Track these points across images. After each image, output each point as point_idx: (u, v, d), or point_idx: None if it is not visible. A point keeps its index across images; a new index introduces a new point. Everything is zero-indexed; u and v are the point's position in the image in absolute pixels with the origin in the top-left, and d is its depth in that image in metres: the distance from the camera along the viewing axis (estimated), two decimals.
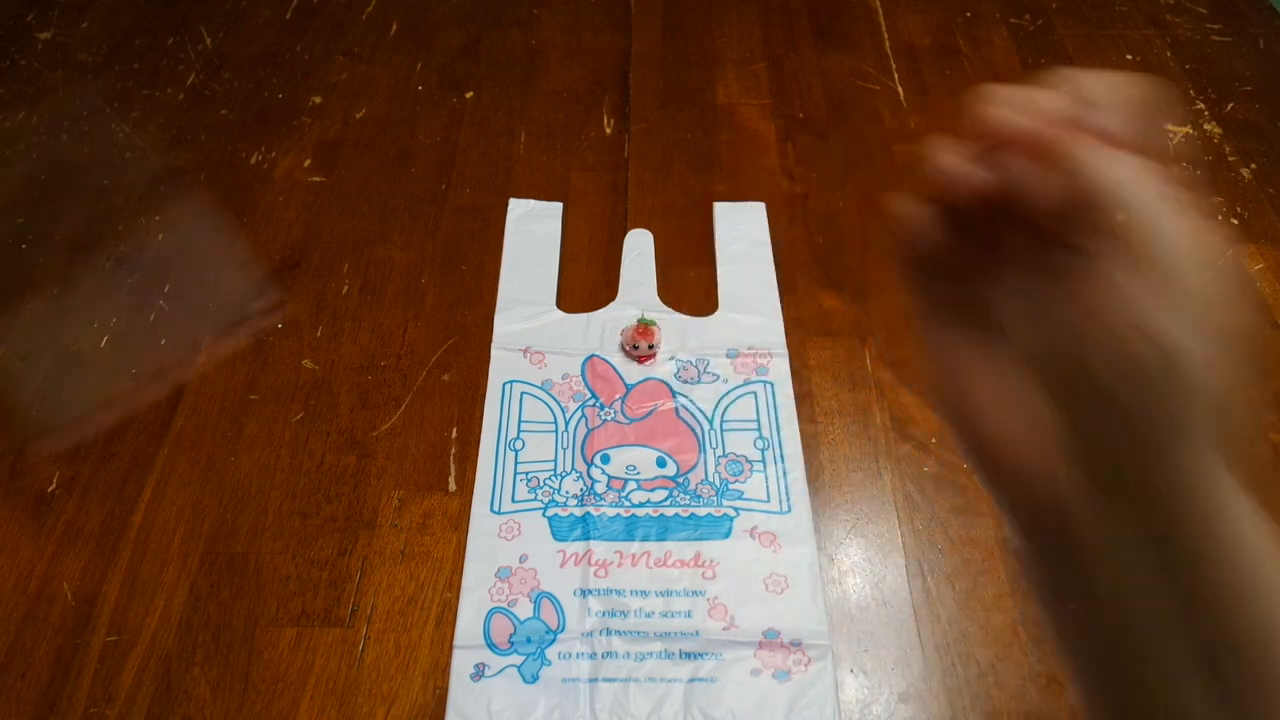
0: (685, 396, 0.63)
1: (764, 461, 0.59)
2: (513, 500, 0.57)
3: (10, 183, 0.78)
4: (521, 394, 0.63)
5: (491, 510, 0.57)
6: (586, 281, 0.71)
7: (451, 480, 0.59)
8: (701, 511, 0.57)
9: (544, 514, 0.57)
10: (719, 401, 0.63)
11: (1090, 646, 0.23)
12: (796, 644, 0.51)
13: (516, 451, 0.60)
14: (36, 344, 0.66)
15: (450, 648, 0.51)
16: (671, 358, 0.65)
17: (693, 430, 0.61)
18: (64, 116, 0.84)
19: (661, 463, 0.59)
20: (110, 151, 0.81)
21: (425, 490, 0.58)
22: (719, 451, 0.60)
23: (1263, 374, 0.65)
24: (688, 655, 0.51)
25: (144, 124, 0.83)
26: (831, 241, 0.74)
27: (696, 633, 0.52)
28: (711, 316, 0.68)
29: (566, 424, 0.61)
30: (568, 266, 0.69)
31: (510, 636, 0.51)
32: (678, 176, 0.79)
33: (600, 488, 0.58)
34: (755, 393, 0.63)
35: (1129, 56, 0.93)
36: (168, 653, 0.51)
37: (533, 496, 0.57)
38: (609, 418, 0.62)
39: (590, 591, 0.53)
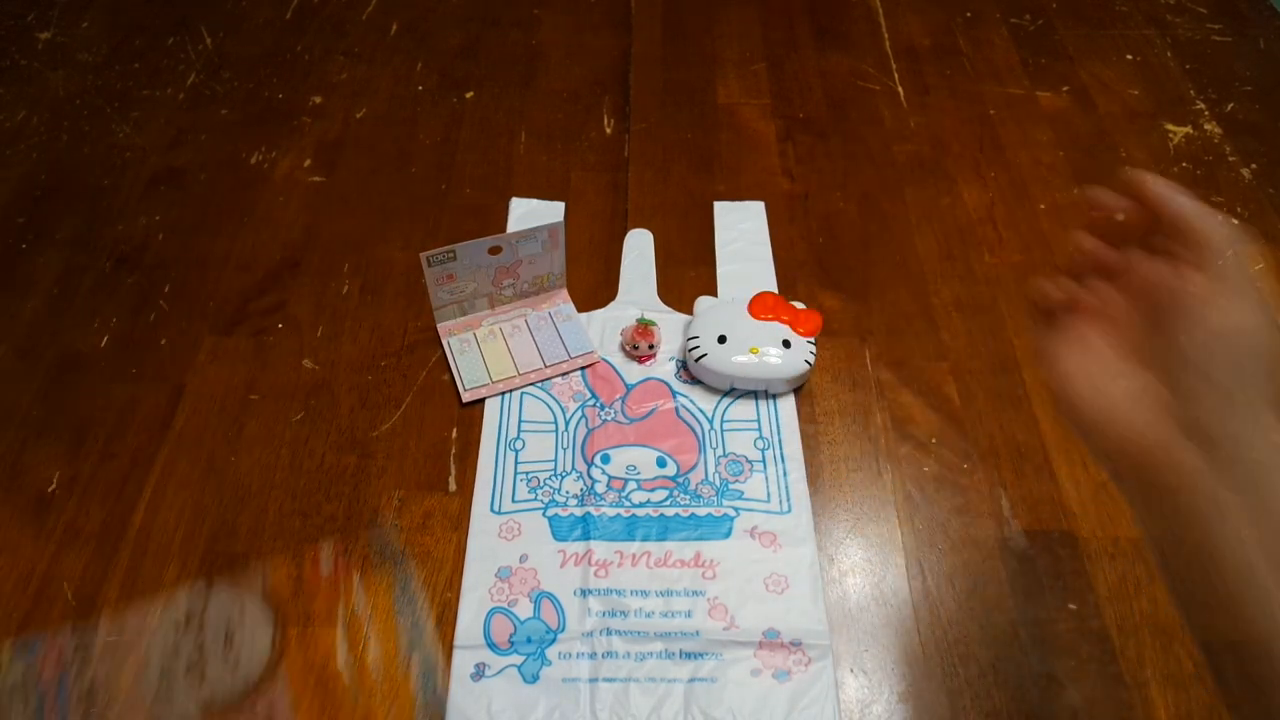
0: (685, 396, 0.63)
1: (764, 461, 0.59)
2: (513, 500, 0.57)
3: (10, 183, 0.78)
4: (521, 394, 0.63)
5: (491, 510, 0.57)
6: (586, 281, 0.71)
7: (451, 480, 0.59)
8: (701, 511, 0.57)
9: (544, 514, 0.57)
10: (719, 401, 0.63)
11: None
12: (797, 644, 0.51)
13: (516, 451, 0.60)
14: (36, 344, 0.66)
15: (450, 648, 0.51)
16: (671, 358, 0.65)
17: (693, 430, 0.61)
18: (64, 116, 0.84)
19: (661, 463, 0.59)
20: (110, 151, 0.81)
21: (425, 490, 0.58)
22: (719, 451, 0.60)
23: (1263, 374, 0.65)
24: (688, 655, 0.51)
25: (144, 124, 0.83)
26: (831, 241, 0.74)
27: (697, 633, 0.52)
28: None
29: (566, 424, 0.62)
30: (568, 266, 0.69)
31: (510, 636, 0.51)
32: (678, 176, 0.79)
33: (600, 488, 0.58)
34: (755, 392, 0.63)
35: (1129, 56, 0.93)
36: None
37: (533, 496, 0.57)
38: (609, 418, 0.62)
39: (590, 591, 0.53)
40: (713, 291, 0.70)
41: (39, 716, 0.39)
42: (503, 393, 0.63)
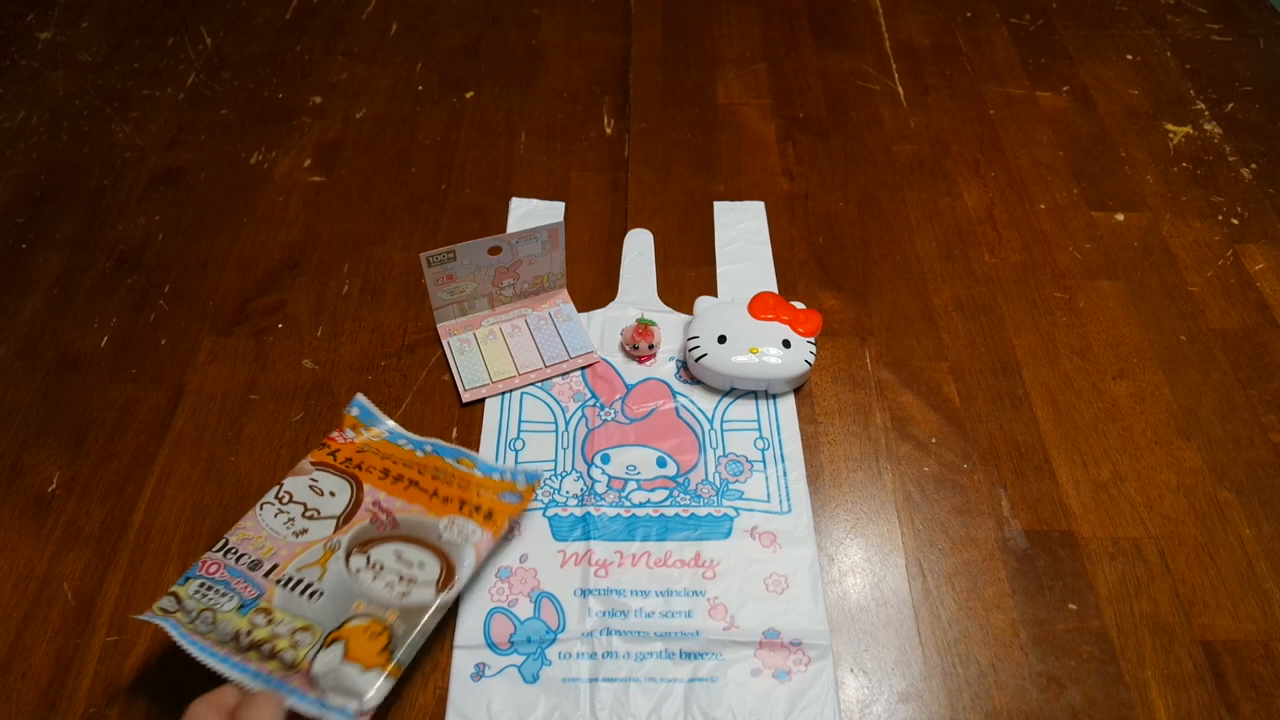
0: (685, 396, 0.63)
1: (764, 461, 0.59)
2: None
3: (10, 183, 0.78)
4: (521, 394, 0.63)
5: None
6: (586, 281, 0.71)
7: None
8: (701, 511, 0.57)
9: (544, 514, 0.57)
10: (719, 401, 0.63)
11: None
12: (797, 644, 0.51)
13: (517, 452, 0.60)
14: (36, 344, 0.66)
15: (450, 648, 0.51)
16: (671, 358, 0.65)
17: (693, 430, 0.61)
18: (64, 116, 0.84)
19: (662, 463, 0.59)
20: (110, 151, 0.81)
21: None
22: (719, 451, 0.60)
23: (1263, 374, 0.65)
24: (688, 655, 0.51)
25: (144, 124, 0.83)
26: (831, 241, 0.74)
27: (697, 633, 0.52)
28: None
29: (566, 424, 0.62)
30: (568, 266, 0.69)
31: (510, 636, 0.51)
32: (678, 176, 0.79)
33: (600, 488, 0.58)
34: (755, 392, 0.63)
35: (1129, 56, 0.93)
36: (168, 653, 0.51)
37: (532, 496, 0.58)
38: (609, 418, 0.62)
39: (590, 591, 0.53)
40: (713, 291, 0.70)
41: (232, 590, 0.48)
42: (503, 393, 0.63)
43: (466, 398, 0.62)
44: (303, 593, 0.48)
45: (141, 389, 0.63)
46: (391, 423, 0.59)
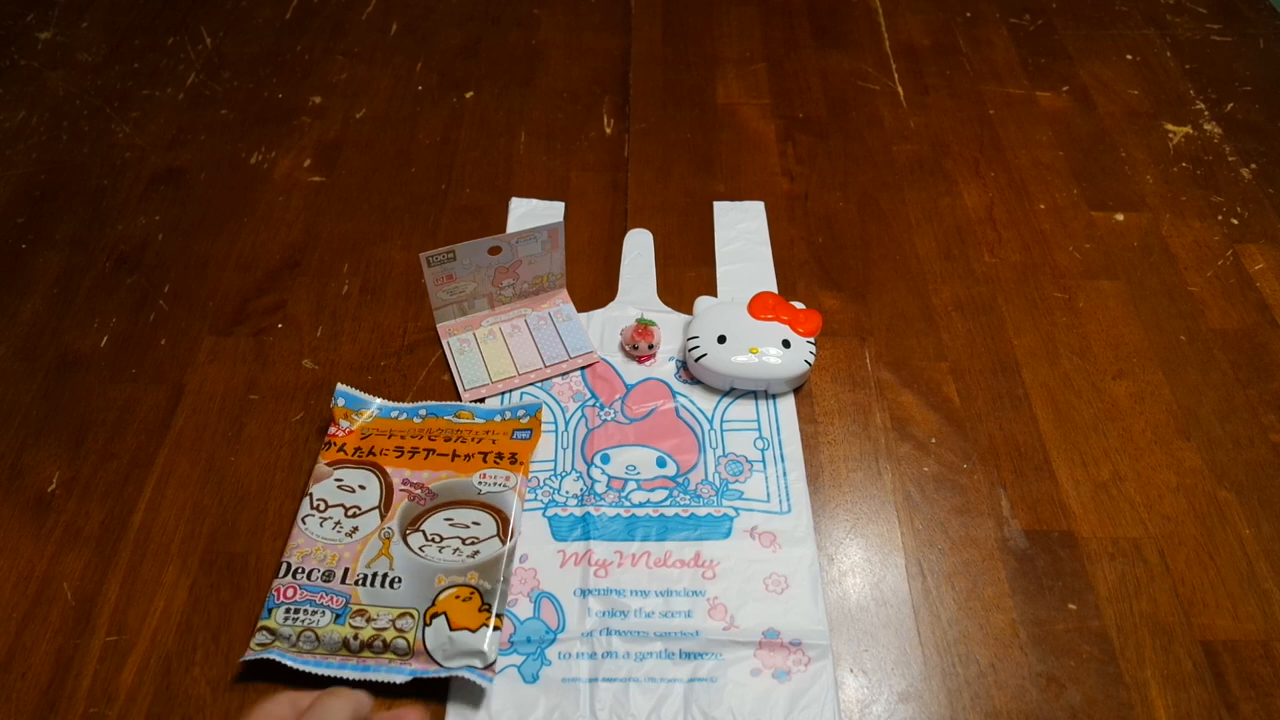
0: (685, 396, 0.63)
1: (764, 461, 0.59)
2: None
3: (10, 183, 0.78)
4: (521, 394, 0.63)
5: None
6: (586, 281, 0.71)
7: None
8: (701, 511, 0.57)
9: (544, 514, 0.57)
10: (719, 401, 0.63)
11: None
12: (796, 644, 0.51)
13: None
14: (36, 344, 0.66)
15: None
16: (671, 358, 0.65)
17: (692, 430, 0.61)
18: (64, 116, 0.84)
19: (661, 463, 0.59)
20: (110, 151, 0.81)
21: None
22: (719, 451, 0.60)
23: (1263, 374, 0.65)
24: (688, 655, 0.51)
25: (144, 124, 0.83)
26: (831, 241, 0.74)
27: (696, 633, 0.52)
28: None
29: (566, 424, 0.62)
30: (567, 266, 0.69)
31: (510, 636, 0.51)
32: (678, 176, 0.79)
33: (600, 488, 0.58)
34: (755, 393, 0.63)
35: (1129, 56, 0.93)
36: (168, 653, 0.51)
37: (532, 496, 0.57)
38: (609, 418, 0.62)
39: (590, 591, 0.53)
40: (713, 291, 0.70)
41: (319, 606, 0.50)
42: (502, 393, 0.63)
43: (466, 398, 0.62)
44: (384, 584, 0.51)
45: (141, 389, 0.63)
46: (378, 400, 0.61)
